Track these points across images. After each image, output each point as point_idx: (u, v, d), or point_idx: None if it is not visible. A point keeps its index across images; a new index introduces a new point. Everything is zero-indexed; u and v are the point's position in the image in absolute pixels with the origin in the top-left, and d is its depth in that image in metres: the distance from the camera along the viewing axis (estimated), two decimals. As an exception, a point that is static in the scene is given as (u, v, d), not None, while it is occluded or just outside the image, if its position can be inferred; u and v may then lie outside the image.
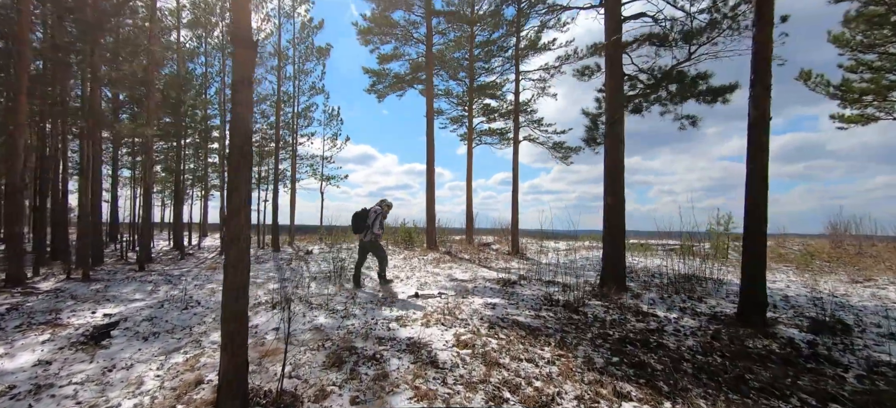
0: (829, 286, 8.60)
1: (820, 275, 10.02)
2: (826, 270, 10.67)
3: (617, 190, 7.52)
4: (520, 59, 14.35)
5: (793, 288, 8.35)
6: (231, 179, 3.11)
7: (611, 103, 7.50)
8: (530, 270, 10.27)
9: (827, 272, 10.47)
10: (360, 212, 8.42)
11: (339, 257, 12.93)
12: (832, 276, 9.89)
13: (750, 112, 5.77)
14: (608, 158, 7.58)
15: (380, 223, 8.29)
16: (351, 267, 10.95)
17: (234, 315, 3.17)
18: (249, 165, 3.15)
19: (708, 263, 10.90)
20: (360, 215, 8.36)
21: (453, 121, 18.08)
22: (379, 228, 8.28)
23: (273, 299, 7.22)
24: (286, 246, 20.21)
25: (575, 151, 13.75)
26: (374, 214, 8.28)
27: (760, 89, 5.70)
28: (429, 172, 14.93)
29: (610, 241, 7.60)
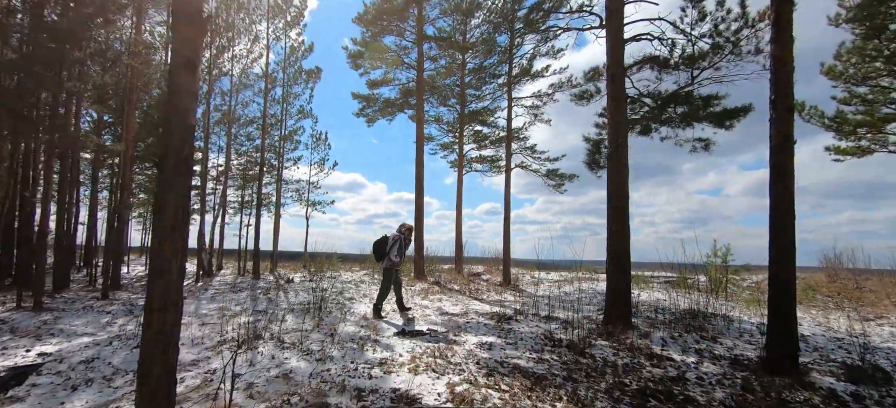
0: (842, 324, 7.95)
1: (826, 311, 9.40)
2: (831, 306, 10.06)
3: (621, 218, 6.85)
4: (512, 86, 13.90)
5: (806, 325, 7.66)
6: (160, 191, 2.32)
7: (614, 127, 6.90)
8: (525, 303, 9.46)
9: (833, 308, 9.86)
10: (381, 239, 8.04)
11: (321, 287, 11.98)
12: (840, 312, 9.27)
13: (771, 136, 5.18)
14: (612, 185, 6.93)
15: (398, 250, 7.88)
16: (333, 298, 10.03)
17: (157, 373, 2.32)
18: (188, 173, 2.37)
19: (710, 298, 10.24)
20: (380, 243, 8.00)
21: (443, 147, 17.49)
22: (397, 255, 7.87)
23: (241, 336, 6.29)
24: (267, 273, 19.12)
25: (569, 178, 13.20)
26: (392, 240, 7.90)
27: (782, 111, 5.12)
28: (418, 198, 14.19)
29: (614, 274, 6.88)
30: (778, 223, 5.06)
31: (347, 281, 14.08)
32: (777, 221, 5.07)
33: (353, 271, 17.87)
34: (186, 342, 6.18)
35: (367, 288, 11.96)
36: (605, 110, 7.70)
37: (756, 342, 6.42)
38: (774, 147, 5.13)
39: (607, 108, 7.06)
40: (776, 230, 5.06)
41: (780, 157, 5.08)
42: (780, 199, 5.06)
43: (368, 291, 11.35)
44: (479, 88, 16.26)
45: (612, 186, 6.92)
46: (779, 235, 5.04)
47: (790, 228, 5.01)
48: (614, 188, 6.90)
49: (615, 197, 6.88)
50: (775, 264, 5.08)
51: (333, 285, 12.72)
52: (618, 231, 6.82)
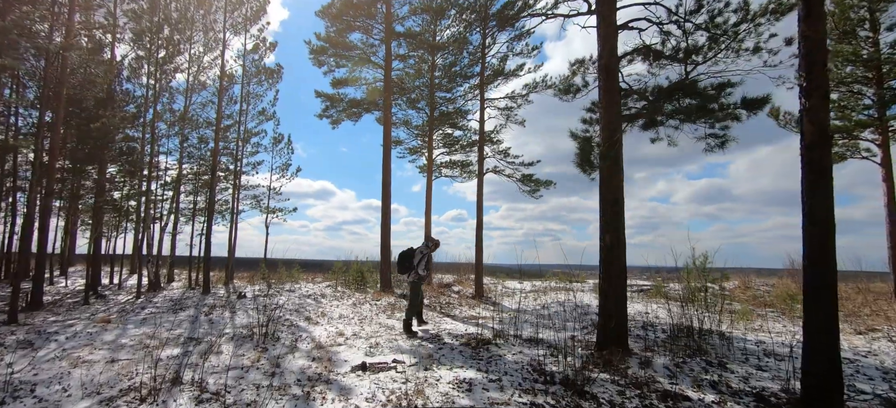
0: (844, 340, 7.21)
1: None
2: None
3: (616, 227, 5.79)
4: (485, 87, 12.84)
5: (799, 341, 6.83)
6: None
7: (607, 123, 5.87)
8: (502, 320, 8.31)
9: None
10: (407, 251, 7.62)
11: (276, 303, 10.43)
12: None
13: (804, 130, 4.23)
14: (605, 188, 5.87)
15: (425, 263, 7.53)
16: (286, 318, 8.55)
17: None
18: None
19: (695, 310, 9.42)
20: (406, 255, 7.58)
21: (412, 151, 16.22)
22: (423, 269, 7.51)
23: (155, 382, 4.79)
24: (221, 286, 17.22)
25: (545, 184, 12.22)
26: (419, 254, 7.50)
27: (817, 99, 4.19)
28: (384, 204, 12.86)
29: (609, 291, 5.80)
30: (815, 235, 4.09)
31: (308, 294, 12.54)
32: (813, 233, 4.10)
33: (315, 282, 16.27)
34: (76, 391, 4.64)
35: (329, 304, 10.51)
36: (594, 106, 6.68)
37: (771, 369, 5.48)
38: (810, 143, 4.17)
39: (600, 101, 6.02)
40: (814, 244, 4.09)
41: (817, 153, 4.13)
42: (816, 206, 4.09)
43: (329, 308, 9.91)
44: (449, 90, 15.13)
45: (606, 189, 5.87)
46: (818, 250, 4.07)
47: (828, 242, 4.05)
48: (608, 192, 5.85)
49: (609, 202, 5.83)
50: (811, 284, 4.10)
51: (291, 300, 11.18)
52: (613, 244, 5.76)
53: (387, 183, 13.01)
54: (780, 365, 5.66)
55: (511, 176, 12.49)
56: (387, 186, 13.00)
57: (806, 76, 4.26)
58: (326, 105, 13.93)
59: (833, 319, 4.04)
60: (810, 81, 4.22)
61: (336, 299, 11.21)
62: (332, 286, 14.27)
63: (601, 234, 5.91)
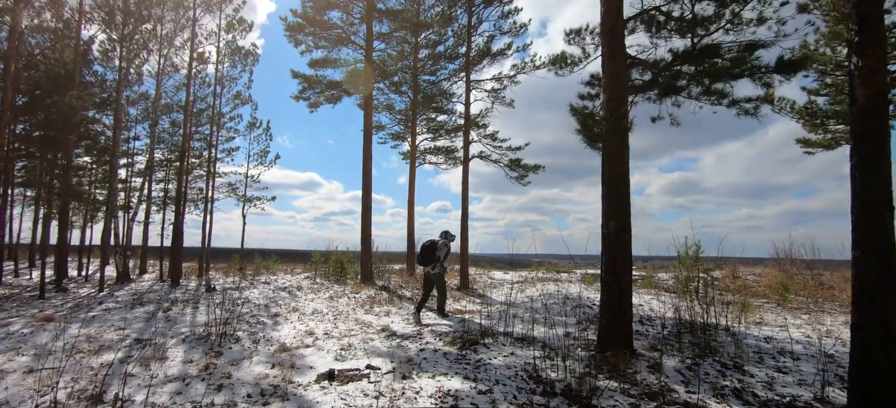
0: (841, 330, 6.60)
1: (815, 314, 8.13)
2: (812, 308, 8.88)
3: (624, 211, 4.99)
4: (471, 69, 11.91)
5: (821, 339, 6.19)
6: None
7: (613, 94, 5.03)
8: (489, 314, 7.49)
9: (816, 310, 8.67)
10: (429, 244, 7.59)
11: (246, 297, 9.41)
12: (828, 316, 8.04)
13: (857, 95, 3.46)
14: (610, 167, 5.05)
15: (447, 256, 7.68)
16: (252, 314, 7.58)
17: None
18: None
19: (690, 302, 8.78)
20: (428, 248, 7.55)
21: (394, 137, 15.19)
22: (446, 261, 7.74)
23: (70, 400, 3.81)
24: (194, 277, 16.04)
25: (534, 169, 11.39)
26: (444, 247, 7.58)
27: (872, 59, 3.41)
28: (365, 192, 11.88)
29: (612, 286, 5.01)
30: (871, 220, 3.33)
31: (283, 286, 11.55)
32: (869, 217, 3.34)
33: (294, 274, 15.23)
34: (-34, 415, 3.64)
35: (303, 298, 9.55)
36: (594, 79, 5.84)
37: (792, 372, 4.78)
38: (863, 110, 3.40)
39: (603, 71, 5.18)
40: (870, 228, 3.33)
41: (873, 121, 3.36)
42: (872, 186, 3.33)
43: (302, 302, 8.95)
44: (434, 73, 14.15)
45: (611, 168, 5.05)
46: (876, 238, 3.31)
47: (887, 227, 3.29)
48: (613, 172, 5.03)
49: (614, 184, 5.01)
50: (868, 277, 3.35)
51: (263, 294, 10.18)
52: (619, 231, 4.95)
53: (368, 169, 12.03)
54: (800, 367, 4.96)
55: (498, 161, 11.64)
56: (367, 172, 12.02)
57: (857, 29, 3.47)
58: (303, 86, 12.82)
59: (891, 319, 3.29)
60: (863, 35, 3.44)
61: (312, 292, 10.25)
62: (311, 278, 13.28)
63: (604, 219, 5.10)
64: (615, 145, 5.01)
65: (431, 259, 7.44)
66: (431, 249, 7.50)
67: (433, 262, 7.44)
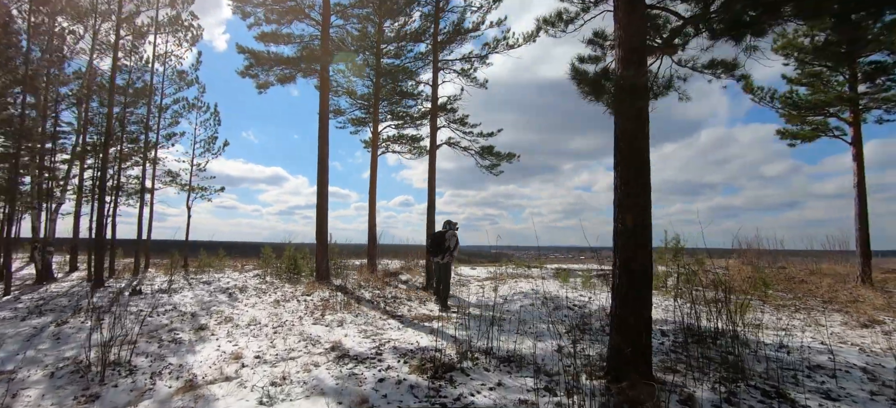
0: (846, 333, 5.74)
1: (808, 314, 7.27)
2: (799, 305, 8.09)
3: (643, 203, 3.71)
4: (439, 48, 10.42)
5: (840, 348, 5.22)
6: None
7: (629, 50, 3.74)
8: (463, 322, 6.11)
9: (803, 307, 7.87)
10: (438, 234, 7.50)
11: (170, 303, 7.53)
12: (819, 314, 7.23)
13: None
14: (626, 145, 3.76)
15: (456, 245, 7.50)
16: (171, 328, 5.81)
17: None
18: None
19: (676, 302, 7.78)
20: (438, 237, 7.45)
21: (355, 122, 13.44)
22: (456, 251, 7.51)
23: None
24: (127, 276, 13.70)
25: (508, 158, 10.08)
26: (453, 237, 7.45)
27: None
28: (320, 180, 10.17)
29: (627, 296, 3.73)
30: None
31: (225, 287, 9.70)
32: None
33: (243, 271, 13.27)
34: None
35: (245, 302, 7.81)
36: (597, 37, 4.53)
37: (843, 397, 3.69)
38: None
39: (617, 20, 3.86)
40: None
41: None
42: None
43: (241, 308, 7.22)
44: (398, 56, 12.52)
45: (628, 148, 3.75)
46: None
47: None
48: (630, 152, 3.74)
49: (632, 167, 3.72)
50: None
51: (198, 297, 8.33)
52: (637, 228, 3.67)
53: (324, 155, 10.31)
54: (845, 388, 3.90)
55: (468, 149, 10.25)
56: (323, 159, 10.31)
57: None
58: (250, 62, 10.88)
59: None
60: None
61: (257, 295, 8.50)
62: (260, 277, 11.43)
63: (617, 211, 3.80)
64: (634, 121, 3.71)
65: (442, 249, 7.30)
66: (440, 238, 7.36)
67: (443, 252, 7.30)
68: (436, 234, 7.57)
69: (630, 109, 3.70)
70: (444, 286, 7.36)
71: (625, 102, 3.67)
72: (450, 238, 7.38)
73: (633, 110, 3.70)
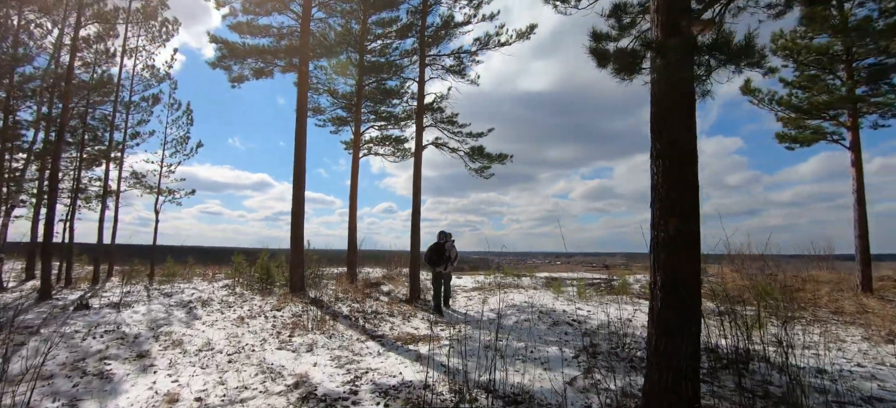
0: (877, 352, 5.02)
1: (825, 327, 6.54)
2: (806, 317, 7.40)
3: (690, 204, 2.85)
4: (427, 45, 9.51)
5: (880, 369, 4.46)
6: None
7: (670, 13, 2.88)
8: (454, 345, 5.15)
9: (810, 319, 7.18)
10: (437, 246, 7.51)
11: (118, 320, 6.32)
12: (836, 327, 6.52)
13: None
14: (667, 133, 2.90)
15: (457, 256, 7.69)
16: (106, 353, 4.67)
17: None
18: None
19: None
20: (437, 249, 7.48)
21: (336, 121, 12.35)
22: (456, 260, 7.69)
23: None
24: (85, 285, 12.23)
25: (499, 159, 9.19)
26: (453, 248, 7.57)
27: None
28: (296, 181, 9.09)
29: (671, 321, 2.85)
30: None
31: (187, 300, 8.47)
32: None
33: (214, 280, 11.98)
34: None
35: (205, 319, 6.65)
36: (619, 9, 3.68)
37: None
38: None
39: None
40: None
41: None
42: None
43: (196, 330, 6.07)
44: (384, 54, 11.55)
45: (670, 134, 2.89)
46: None
47: None
48: (673, 142, 2.88)
49: (675, 161, 2.87)
50: None
51: (151, 312, 7.12)
52: (680, 235, 2.80)
53: (300, 155, 9.24)
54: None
55: (457, 150, 9.32)
56: (300, 158, 9.23)
57: None
58: (223, 53, 9.75)
59: None
60: None
61: (221, 310, 7.35)
62: (230, 287, 10.22)
63: (656, 214, 2.93)
64: (675, 96, 2.85)
65: (443, 260, 7.41)
66: (440, 250, 7.44)
67: (445, 262, 7.42)
68: (435, 244, 7.58)
69: (673, 87, 2.83)
70: (445, 294, 7.48)
71: (667, 78, 2.80)
72: (450, 248, 7.49)
73: (678, 88, 2.84)
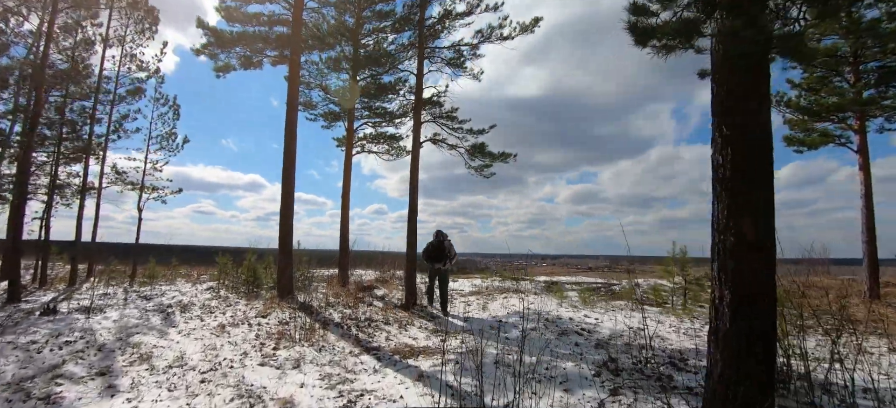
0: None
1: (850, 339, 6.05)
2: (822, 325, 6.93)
3: (761, 199, 2.26)
4: (425, 38, 8.89)
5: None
6: None
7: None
8: (458, 358, 4.53)
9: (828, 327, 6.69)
10: (436, 244, 7.44)
11: (85, 327, 5.57)
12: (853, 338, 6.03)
13: None
14: (737, 113, 2.32)
15: (455, 255, 7.61)
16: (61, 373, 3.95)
17: None
18: None
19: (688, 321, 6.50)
20: (436, 247, 7.42)
21: (327, 117, 11.63)
22: (455, 258, 7.64)
23: None
24: (63, 284, 11.35)
25: (502, 158, 8.56)
26: (452, 247, 7.51)
27: None
28: (286, 177, 8.40)
29: (741, 344, 2.25)
30: None
31: (167, 304, 7.71)
32: None
33: (199, 282, 11.18)
34: None
35: (182, 326, 5.93)
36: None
37: None
38: None
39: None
40: None
41: None
42: None
43: (170, 341, 5.35)
44: (379, 47, 10.90)
45: (737, 112, 2.31)
46: None
47: None
48: (742, 118, 2.31)
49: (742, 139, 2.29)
50: None
51: (123, 319, 6.37)
52: (758, 242, 2.22)
53: (290, 152, 8.54)
54: None
55: (456, 147, 8.70)
56: (290, 155, 8.53)
57: None
58: (209, 40, 9.00)
59: None
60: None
61: (201, 316, 6.62)
62: (214, 290, 9.46)
63: (723, 218, 2.35)
64: (746, 72, 2.29)
65: (442, 257, 7.38)
66: (439, 248, 7.39)
67: (444, 258, 7.37)
68: (433, 242, 7.50)
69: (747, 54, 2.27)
70: (442, 296, 7.41)
71: (738, 48, 2.23)
72: (449, 246, 7.43)
73: (751, 57, 2.28)
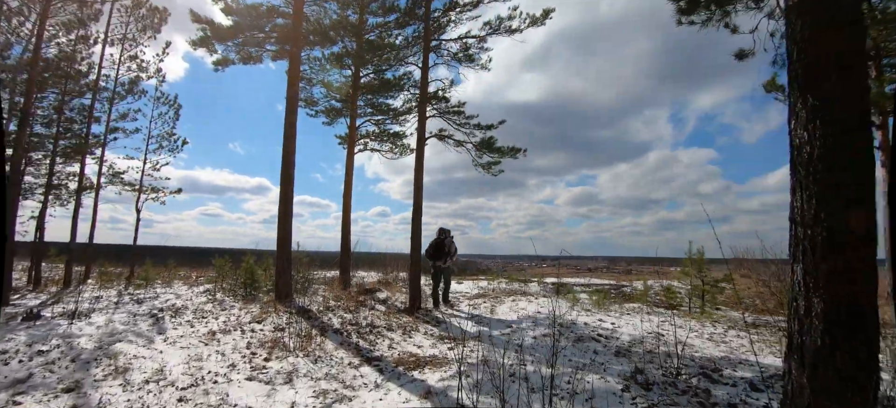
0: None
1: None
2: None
3: (868, 193, 1.75)
4: (431, 31, 8.41)
5: None
6: None
7: None
8: (467, 368, 4.02)
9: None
10: (437, 242, 7.46)
11: (66, 333, 5.08)
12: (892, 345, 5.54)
13: None
14: (826, 83, 1.81)
15: (456, 251, 7.61)
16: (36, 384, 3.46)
17: None
18: None
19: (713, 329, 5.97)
20: (438, 245, 7.42)
21: (329, 113, 11.14)
22: (456, 255, 7.67)
23: None
24: (56, 286, 10.88)
25: (511, 153, 8.07)
26: (453, 244, 7.50)
27: None
28: (285, 176, 7.91)
29: (841, 367, 1.74)
30: None
31: (159, 308, 7.22)
32: None
33: (195, 284, 10.70)
34: None
35: (170, 333, 5.44)
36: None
37: None
38: None
39: None
40: None
41: None
42: None
43: (153, 350, 4.85)
44: (383, 39, 10.42)
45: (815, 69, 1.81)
46: None
47: None
48: (832, 89, 1.80)
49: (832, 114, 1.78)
50: None
51: (110, 326, 5.88)
52: (867, 236, 1.71)
53: (289, 150, 8.05)
54: None
55: (463, 143, 8.19)
56: (289, 154, 8.04)
57: None
58: (205, 33, 8.54)
59: None
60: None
61: (193, 321, 6.12)
62: (211, 293, 8.96)
63: (807, 210, 1.85)
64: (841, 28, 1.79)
65: (443, 254, 7.36)
66: (441, 246, 7.37)
67: (445, 256, 7.35)
68: (435, 241, 7.46)
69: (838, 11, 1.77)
70: (444, 291, 7.46)
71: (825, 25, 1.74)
72: (450, 244, 7.38)
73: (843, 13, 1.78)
